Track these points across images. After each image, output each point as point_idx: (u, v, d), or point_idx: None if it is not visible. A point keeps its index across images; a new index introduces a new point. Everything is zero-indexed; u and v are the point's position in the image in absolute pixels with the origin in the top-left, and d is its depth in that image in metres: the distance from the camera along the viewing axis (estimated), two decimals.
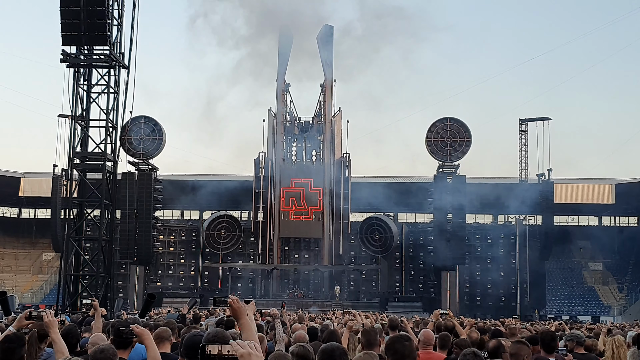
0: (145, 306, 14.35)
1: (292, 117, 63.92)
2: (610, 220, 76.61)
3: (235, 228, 63.48)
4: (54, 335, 6.62)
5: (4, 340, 6.16)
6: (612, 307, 66.96)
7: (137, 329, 6.28)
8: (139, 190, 57.56)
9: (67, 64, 32.14)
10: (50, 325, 6.65)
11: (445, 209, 57.80)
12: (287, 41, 62.67)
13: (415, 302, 56.17)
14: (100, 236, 32.62)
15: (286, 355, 5.11)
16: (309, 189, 61.02)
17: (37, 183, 72.36)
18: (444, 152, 58.31)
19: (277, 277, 61.43)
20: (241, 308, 5.77)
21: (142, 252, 58.86)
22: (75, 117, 32.41)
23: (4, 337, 6.35)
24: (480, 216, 70.15)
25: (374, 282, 63.99)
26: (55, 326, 6.66)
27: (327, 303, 53.22)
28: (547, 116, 63.54)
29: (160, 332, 7.65)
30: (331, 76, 62.82)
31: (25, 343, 6.19)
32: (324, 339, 7.96)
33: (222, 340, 5.17)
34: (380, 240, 61.55)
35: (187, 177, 69.49)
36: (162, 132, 59.79)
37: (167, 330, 7.80)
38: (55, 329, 6.66)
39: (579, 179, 73.12)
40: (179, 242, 65.29)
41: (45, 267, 74.53)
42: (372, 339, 7.14)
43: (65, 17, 30.77)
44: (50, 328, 6.65)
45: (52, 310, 11.87)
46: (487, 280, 60.93)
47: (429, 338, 8.41)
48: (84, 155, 33.08)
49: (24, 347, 6.11)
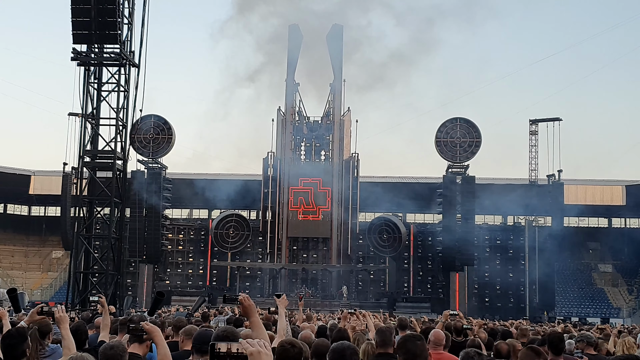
0: (154, 304, 14.34)
1: (301, 116, 63.89)
2: (620, 222, 76.26)
3: (244, 227, 63.54)
4: (64, 331, 6.65)
5: (5, 336, 6.18)
6: (622, 309, 66.66)
7: (147, 326, 6.29)
8: (148, 188, 57.76)
9: (77, 62, 32.30)
10: (61, 321, 6.68)
11: (455, 209, 57.72)
12: (296, 40, 62.64)
13: (424, 303, 56.06)
14: (110, 234, 32.76)
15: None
16: (317, 189, 60.98)
17: (48, 181, 72.58)
18: (453, 153, 58.22)
19: (286, 277, 61.43)
20: (252, 306, 5.75)
21: (151, 250, 59.05)
22: (86, 116, 32.56)
23: (5, 333, 6.37)
24: (489, 217, 69.97)
25: (382, 282, 63.89)
26: (66, 322, 6.69)
27: (335, 303, 53.19)
28: (557, 117, 63.29)
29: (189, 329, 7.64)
30: (340, 75, 62.75)
31: (27, 338, 6.20)
32: (333, 337, 7.93)
33: (232, 337, 5.16)
34: (388, 240, 61.46)
35: (196, 175, 69.60)
36: (172, 130, 59.98)
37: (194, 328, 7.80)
38: (66, 324, 6.69)
39: (589, 180, 72.84)
40: (187, 240, 65.41)
41: (55, 264, 74.77)
42: (387, 338, 7.11)
43: (76, 15, 30.93)
44: (61, 324, 6.68)
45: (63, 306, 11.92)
46: (496, 282, 60.80)
47: (440, 338, 8.37)
48: (94, 154, 33.23)
49: (25, 342, 6.11)
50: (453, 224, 57.50)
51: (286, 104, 62.82)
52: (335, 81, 62.94)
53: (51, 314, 6.97)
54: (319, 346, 6.43)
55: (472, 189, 57.50)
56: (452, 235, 56.96)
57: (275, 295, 7.36)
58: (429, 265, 63.48)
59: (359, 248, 63.24)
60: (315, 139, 63.29)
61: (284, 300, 7.25)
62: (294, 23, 63.00)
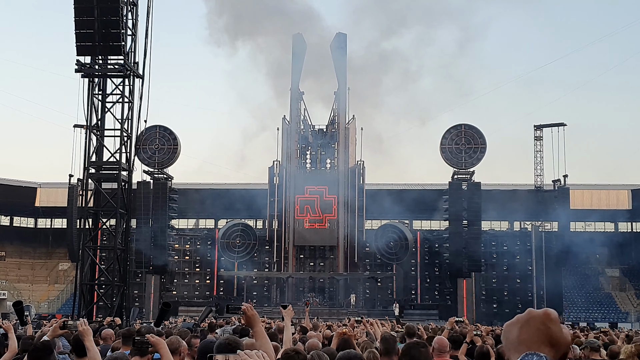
0: (160, 315, 14.32)
1: (306, 125, 63.94)
2: (627, 226, 76.03)
3: (250, 236, 63.49)
4: (88, 343, 6.70)
5: (33, 349, 6.32)
6: (630, 313, 66.38)
7: (152, 339, 6.29)
8: (154, 199, 57.82)
9: (82, 74, 32.35)
10: (85, 334, 6.72)
11: (461, 215, 57.67)
12: (300, 49, 62.76)
13: (432, 310, 55.92)
14: (116, 245, 32.76)
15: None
16: (323, 197, 61.00)
17: (53, 193, 72.73)
18: (458, 159, 58.20)
19: (293, 286, 61.36)
20: (255, 315, 5.74)
21: (158, 261, 59.05)
22: (91, 127, 32.60)
23: (32, 347, 6.51)
24: (496, 223, 69.86)
25: (390, 289, 63.75)
26: (89, 334, 6.74)
27: (343, 311, 53.06)
28: (562, 122, 63.22)
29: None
30: (345, 84, 62.82)
31: (54, 352, 6.31)
32: (339, 346, 7.91)
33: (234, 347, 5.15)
34: (395, 247, 61.35)
35: (202, 185, 69.69)
36: (177, 141, 60.09)
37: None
38: (90, 337, 6.74)
39: (594, 185, 72.68)
40: (194, 250, 65.38)
41: (62, 276, 74.84)
42: (391, 346, 7.10)
43: (80, 27, 31.02)
44: (84, 336, 6.72)
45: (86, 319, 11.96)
46: (503, 287, 60.68)
47: (444, 345, 8.35)
48: (99, 165, 33.29)
49: (51, 356, 6.26)
50: (460, 231, 57.45)
51: (291, 112, 62.89)
52: (340, 89, 62.99)
53: (74, 328, 7.03)
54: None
55: (477, 195, 57.47)
56: (459, 242, 56.92)
57: (282, 306, 7.35)
58: (437, 272, 63.37)
59: (366, 256, 63.15)
60: (320, 147, 63.32)
61: (290, 312, 7.24)
62: (298, 32, 63.20)
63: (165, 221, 58.95)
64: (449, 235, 58.41)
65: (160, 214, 58.30)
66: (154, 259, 58.84)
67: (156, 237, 58.50)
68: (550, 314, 2.00)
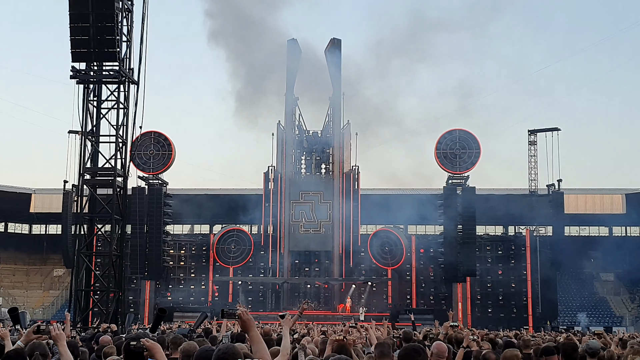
0: (156, 321, 14.38)
1: (301, 130, 64.00)
2: (621, 230, 76.25)
3: (245, 242, 63.44)
4: (61, 348, 6.68)
5: (5, 357, 6.23)
6: (625, 317, 66.54)
7: (147, 343, 6.31)
8: (149, 205, 57.81)
9: (76, 80, 32.34)
10: (58, 339, 6.71)
11: (455, 220, 57.70)
12: (295, 55, 62.85)
13: (427, 315, 55.81)
14: (111, 251, 32.73)
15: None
16: (318, 202, 61.08)
17: (48, 199, 72.64)
18: (453, 164, 58.28)
19: (288, 291, 61.32)
20: (250, 320, 5.78)
21: (153, 266, 58.97)
22: (85, 133, 32.57)
23: (4, 355, 6.42)
24: (490, 227, 69.92)
25: (385, 294, 63.69)
26: (62, 339, 6.72)
27: (338, 317, 52.96)
28: (556, 127, 63.40)
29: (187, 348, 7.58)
30: (339, 89, 62.91)
31: (26, 359, 6.25)
32: (333, 351, 7.95)
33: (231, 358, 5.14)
34: (390, 252, 61.38)
35: (197, 191, 69.63)
36: (172, 146, 60.09)
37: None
38: (63, 341, 6.72)
39: (589, 189, 72.87)
40: (189, 256, 65.23)
41: (57, 283, 74.70)
42: (386, 351, 7.14)
43: (75, 33, 31.00)
44: (58, 341, 6.71)
45: (63, 324, 11.90)
46: (498, 292, 60.68)
47: (442, 350, 8.38)
48: (94, 171, 33.24)
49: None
50: (454, 235, 57.50)
51: (286, 118, 62.93)
52: (335, 95, 63.08)
53: (47, 333, 6.98)
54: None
55: (472, 199, 57.53)
56: (454, 246, 56.97)
57: (280, 316, 7.41)
58: (431, 276, 63.35)
59: (361, 261, 63.12)
60: (315, 153, 63.40)
61: (288, 321, 7.29)
62: (292, 38, 63.31)
63: (160, 227, 58.91)
64: (443, 239, 58.44)
65: (155, 219, 58.29)
66: (149, 264, 58.78)
67: (151, 243, 58.45)
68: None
